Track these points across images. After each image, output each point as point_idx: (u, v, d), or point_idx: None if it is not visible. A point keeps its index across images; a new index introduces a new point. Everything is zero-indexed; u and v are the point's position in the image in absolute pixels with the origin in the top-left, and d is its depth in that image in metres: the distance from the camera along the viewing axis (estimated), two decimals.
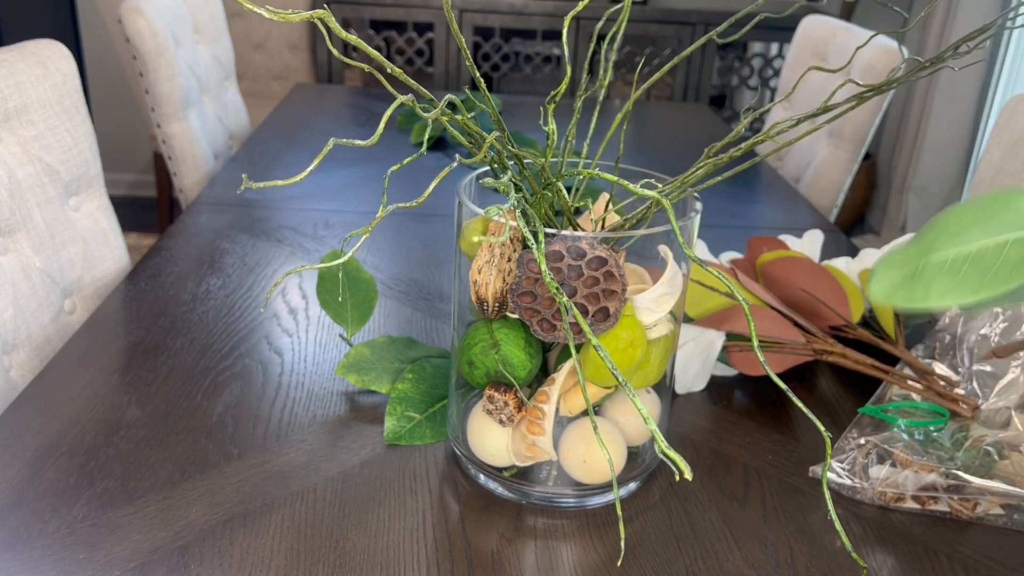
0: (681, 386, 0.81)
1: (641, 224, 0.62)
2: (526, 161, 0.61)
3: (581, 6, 0.57)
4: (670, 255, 0.61)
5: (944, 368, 0.79)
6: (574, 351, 0.53)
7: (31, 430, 0.71)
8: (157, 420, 0.73)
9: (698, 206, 0.63)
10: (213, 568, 0.58)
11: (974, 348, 0.78)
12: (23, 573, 0.57)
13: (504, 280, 0.60)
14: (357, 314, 0.82)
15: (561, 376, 0.62)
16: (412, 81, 0.54)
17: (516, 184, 0.60)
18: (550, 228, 0.57)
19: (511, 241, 0.60)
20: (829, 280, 0.87)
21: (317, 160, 0.50)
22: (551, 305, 0.58)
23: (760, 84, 2.96)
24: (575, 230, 0.62)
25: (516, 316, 0.62)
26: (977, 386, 0.75)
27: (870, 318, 0.91)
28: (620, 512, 0.57)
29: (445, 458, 0.71)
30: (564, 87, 0.62)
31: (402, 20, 2.84)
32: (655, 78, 0.64)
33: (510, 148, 0.59)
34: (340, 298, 0.82)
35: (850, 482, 0.68)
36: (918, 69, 0.58)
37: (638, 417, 0.66)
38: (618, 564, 0.60)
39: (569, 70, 0.64)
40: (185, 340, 0.87)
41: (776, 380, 0.50)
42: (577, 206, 0.64)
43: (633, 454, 0.68)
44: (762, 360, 0.49)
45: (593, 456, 0.64)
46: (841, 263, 0.95)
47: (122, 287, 0.97)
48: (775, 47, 2.98)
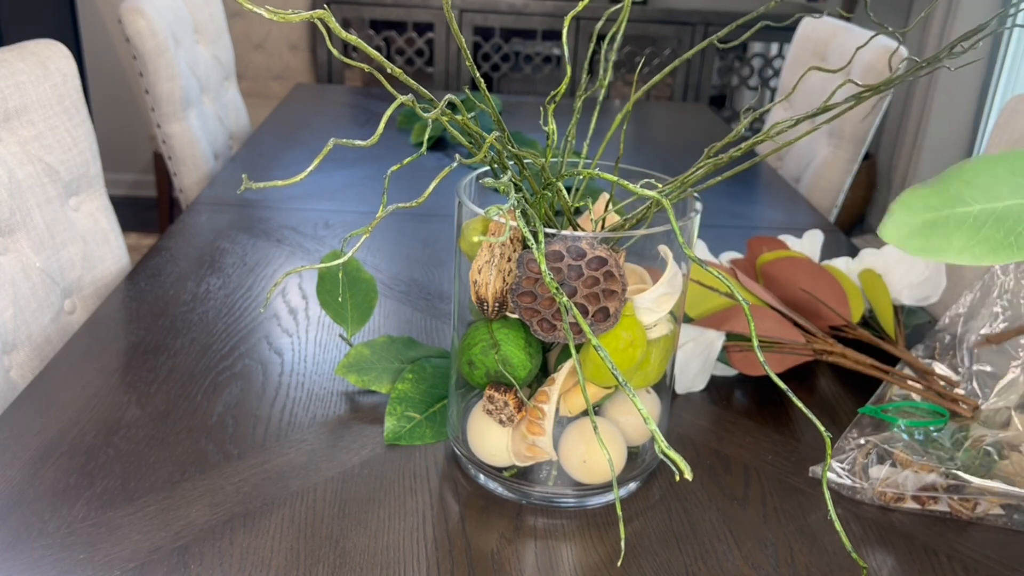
0: (681, 386, 0.81)
1: (641, 224, 0.62)
2: (526, 161, 0.61)
3: (581, 6, 0.57)
4: (670, 255, 0.61)
5: (944, 368, 0.79)
6: (574, 351, 0.53)
7: (31, 430, 0.71)
8: (157, 420, 0.73)
9: (698, 206, 0.63)
10: (213, 568, 0.58)
11: (974, 348, 0.78)
12: (23, 573, 0.57)
13: (504, 280, 0.60)
14: (357, 314, 0.82)
15: (561, 376, 0.62)
16: (412, 81, 0.54)
17: (516, 184, 0.60)
18: (550, 228, 0.57)
19: (511, 241, 0.60)
20: (829, 280, 0.87)
21: (317, 160, 0.50)
22: (551, 305, 0.58)
23: (760, 84, 2.96)
24: (575, 230, 0.62)
25: (516, 316, 0.62)
26: (977, 386, 0.75)
27: (870, 318, 0.91)
28: (620, 512, 0.57)
29: (445, 458, 0.71)
30: (564, 87, 0.62)
31: (402, 20, 2.84)
32: (656, 79, 0.64)
33: (510, 148, 0.59)
34: (340, 298, 0.82)
35: (850, 482, 0.68)
36: (916, 69, 0.58)
37: (638, 417, 0.66)
38: (618, 564, 0.60)
39: (569, 70, 0.64)
40: (185, 340, 0.87)
41: (776, 380, 0.50)
42: (577, 206, 0.64)
43: (633, 454, 0.68)
44: (762, 360, 0.49)
45: (593, 456, 0.64)
46: (841, 263, 0.95)
47: (122, 287, 0.97)
48: (775, 47, 2.98)
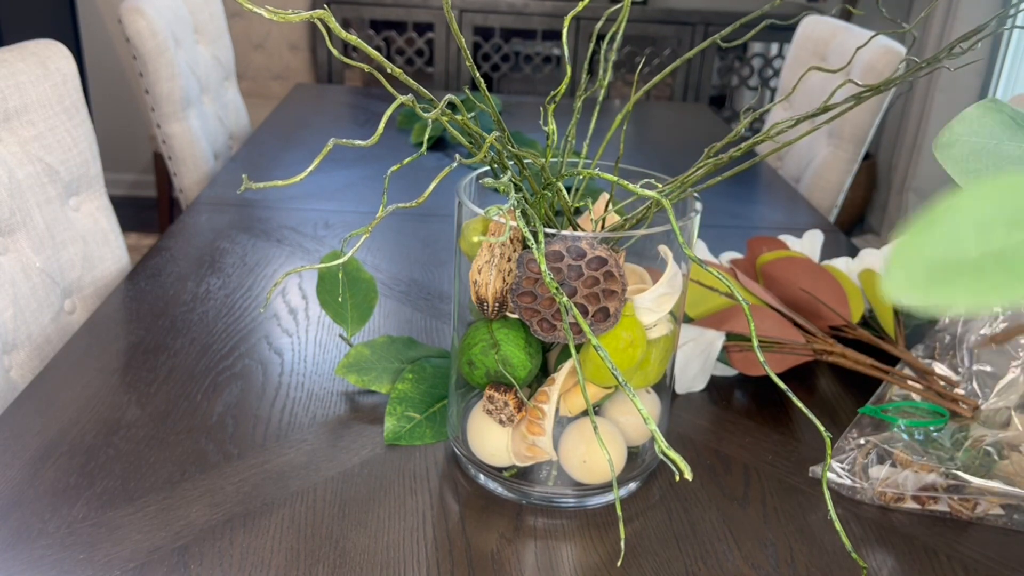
0: (681, 386, 0.81)
1: (641, 224, 0.62)
2: (526, 161, 0.61)
3: (581, 6, 0.58)
4: (670, 255, 0.61)
5: (944, 368, 0.79)
6: (574, 351, 0.53)
7: (31, 430, 0.71)
8: (157, 420, 0.73)
9: (698, 206, 0.63)
10: (213, 568, 0.58)
11: (974, 348, 0.78)
12: (23, 573, 0.57)
13: (504, 280, 0.60)
14: (357, 314, 0.82)
15: (561, 376, 0.62)
16: (412, 81, 0.54)
17: (516, 184, 0.60)
18: (550, 228, 0.57)
19: (511, 241, 0.60)
20: (829, 280, 0.87)
21: (317, 160, 0.50)
22: (551, 305, 0.58)
23: (760, 84, 2.96)
24: (575, 230, 0.62)
25: (516, 316, 0.62)
26: (977, 386, 0.75)
27: (870, 318, 0.91)
28: (620, 512, 0.57)
29: (445, 458, 0.71)
30: (564, 87, 0.62)
31: (402, 20, 2.84)
32: (656, 79, 0.64)
33: (510, 148, 0.59)
34: (340, 298, 0.82)
35: (850, 482, 0.68)
36: (916, 69, 0.58)
37: (638, 417, 0.66)
38: (618, 564, 0.60)
39: (569, 70, 0.64)
40: (185, 340, 0.87)
41: (776, 380, 0.50)
42: (577, 206, 0.64)
43: (633, 454, 0.68)
44: (762, 360, 0.49)
45: (593, 456, 0.64)
46: (841, 263, 0.95)
47: (122, 287, 0.97)
48: (775, 47, 2.98)
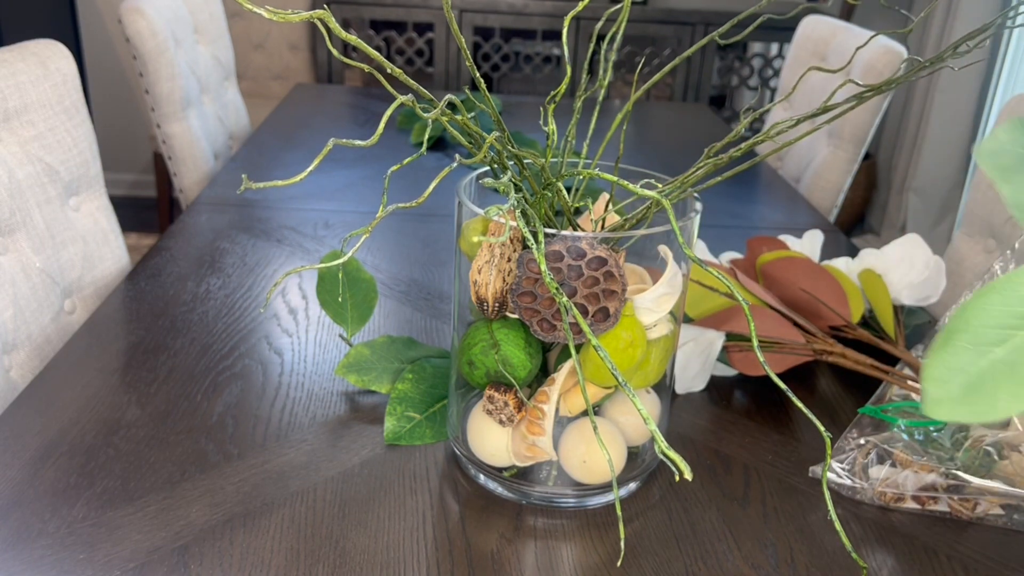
0: (681, 386, 0.81)
1: (641, 224, 0.62)
2: (526, 161, 0.61)
3: (581, 6, 0.57)
4: (670, 255, 0.61)
5: None
6: (574, 351, 0.53)
7: (31, 430, 0.71)
8: (157, 420, 0.73)
9: (698, 206, 0.63)
10: (213, 568, 0.58)
11: None
12: (23, 573, 0.57)
13: (504, 280, 0.60)
14: (357, 314, 0.82)
15: (561, 376, 0.62)
16: (412, 81, 0.54)
17: (516, 184, 0.60)
18: (550, 228, 0.57)
19: (511, 241, 0.60)
20: (829, 280, 0.87)
21: (317, 160, 0.50)
22: (551, 305, 0.58)
23: (760, 84, 2.96)
24: (575, 230, 0.62)
25: (516, 316, 0.62)
26: None
27: (870, 318, 0.91)
28: (620, 512, 0.57)
29: (445, 458, 0.71)
30: (564, 87, 0.62)
31: (402, 20, 2.84)
32: (655, 79, 0.64)
33: (510, 148, 0.59)
34: (340, 298, 0.82)
35: (850, 482, 0.68)
36: (918, 69, 0.58)
37: (638, 417, 0.66)
38: (618, 564, 0.60)
39: (569, 70, 0.64)
40: (185, 340, 0.87)
41: (776, 380, 0.50)
42: (577, 206, 0.64)
43: (633, 454, 0.68)
44: (762, 360, 0.49)
45: (593, 456, 0.64)
46: (841, 263, 0.95)
47: (122, 287, 0.97)
48: (775, 47, 2.98)
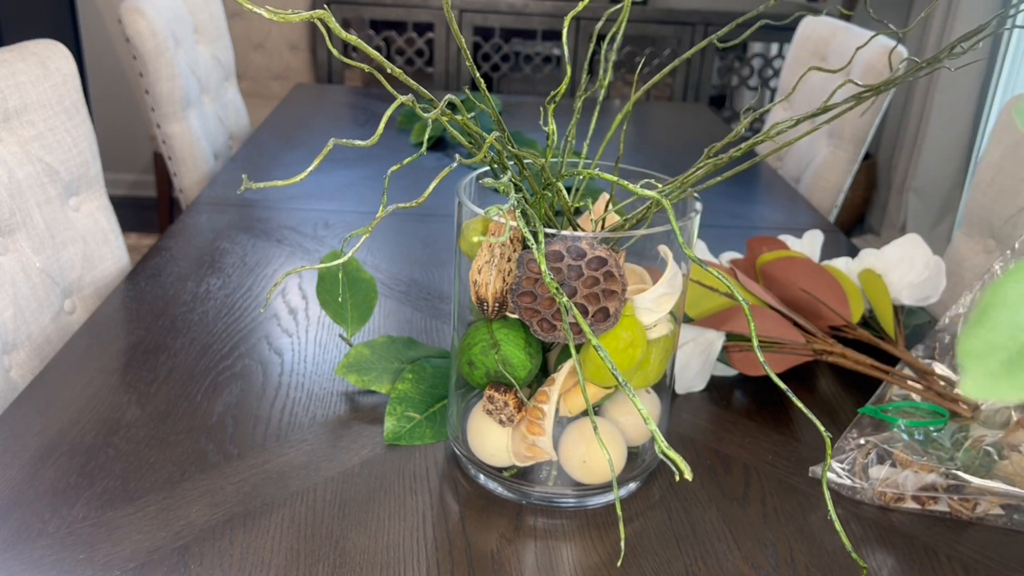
0: (681, 386, 0.81)
1: (641, 224, 0.62)
2: (526, 161, 0.61)
3: (581, 6, 0.58)
4: (670, 255, 0.61)
5: (944, 368, 0.79)
6: (574, 351, 0.53)
7: (31, 430, 0.71)
8: (157, 420, 0.73)
9: (698, 206, 0.63)
10: (213, 568, 0.58)
11: None
12: (23, 573, 0.57)
13: (504, 280, 0.60)
14: (357, 314, 0.82)
15: (561, 376, 0.62)
16: (412, 81, 0.54)
17: (516, 184, 0.60)
18: (550, 228, 0.57)
19: (511, 241, 0.60)
20: (829, 280, 0.87)
21: (317, 160, 0.50)
22: (551, 305, 0.58)
23: (760, 84, 2.96)
24: (575, 230, 0.62)
25: (516, 316, 0.62)
26: None
27: (870, 318, 0.91)
28: (620, 512, 0.57)
29: (445, 458, 0.71)
30: (564, 87, 0.62)
31: (402, 20, 2.84)
32: (655, 79, 0.64)
33: (510, 148, 0.59)
34: (340, 298, 0.82)
35: (850, 482, 0.68)
36: (916, 69, 0.58)
37: (638, 417, 0.66)
38: (618, 564, 0.60)
39: (569, 70, 0.64)
40: (185, 340, 0.87)
41: (776, 380, 0.50)
42: (577, 206, 0.64)
43: (633, 454, 0.68)
44: (762, 360, 0.49)
45: (593, 456, 0.64)
46: (841, 263, 0.95)
47: (122, 287, 0.97)
48: (775, 47, 2.98)
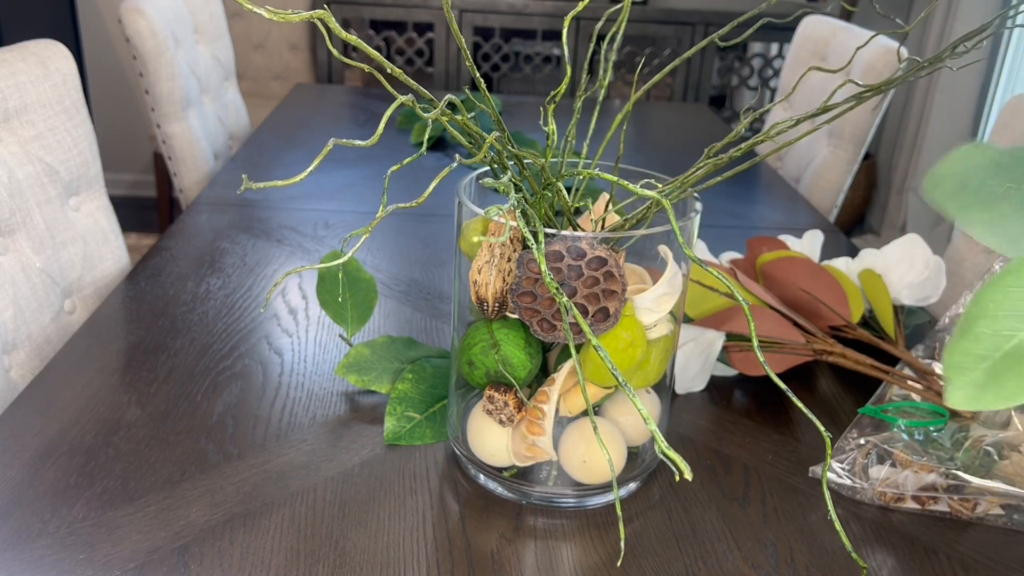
0: (681, 386, 0.81)
1: (641, 224, 0.62)
2: (526, 161, 0.61)
3: (581, 6, 0.57)
4: (670, 255, 0.61)
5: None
6: (574, 351, 0.53)
7: (31, 430, 0.71)
8: (157, 420, 0.73)
9: (698, 206, 0.63)
10: (213, 568, 0.58)
11: None
12: (23, 573, 0.57)
13: (504, 280, 0.60)
14: (357, 314, 0.82)
15: (561, 376, 0.62)
16: (412, 81, 0.54)
17: (516, 184, 0.60)
18: (550, 228, 0.57)
19: (511, 241, 0.60)
20: (829, 280, 0.87)
21: (317, 160, 0.50)
22: (551, 305, 0.58)
23: (760, 84, 2.96)
24: (575, 230, 0.62)
25: (516, 316, 0.62)
26: None
27: (870, 318, 0.91)
28: (620, 512, 0.57)
29: (445, 458, 0.71)
30: (564, 87, 0.62)
31: (402, 20, 2.84)
32: (655, 79, 0.64)
33: (510, 148, 0.59)
34: (340, 298, 0.82)
35: (850, 482, 0.68)
36: (917, 69, 0.58)
37: (638, 417, 0.66)
38: (618, 564, 0.60)
39: (569, 70, 0.64)
40: (185, 340, 0.87)
41: (776, 380, 0.50)
42: (577, 206, 0.64)
43: (633, 454, 0.68)
44: (762, 360, 0.49)
45: (593, 456, 0.64)
46: (841, 263, 0.95)
47: (122, 287, 0.97)
48: (775, 47, 2.98)
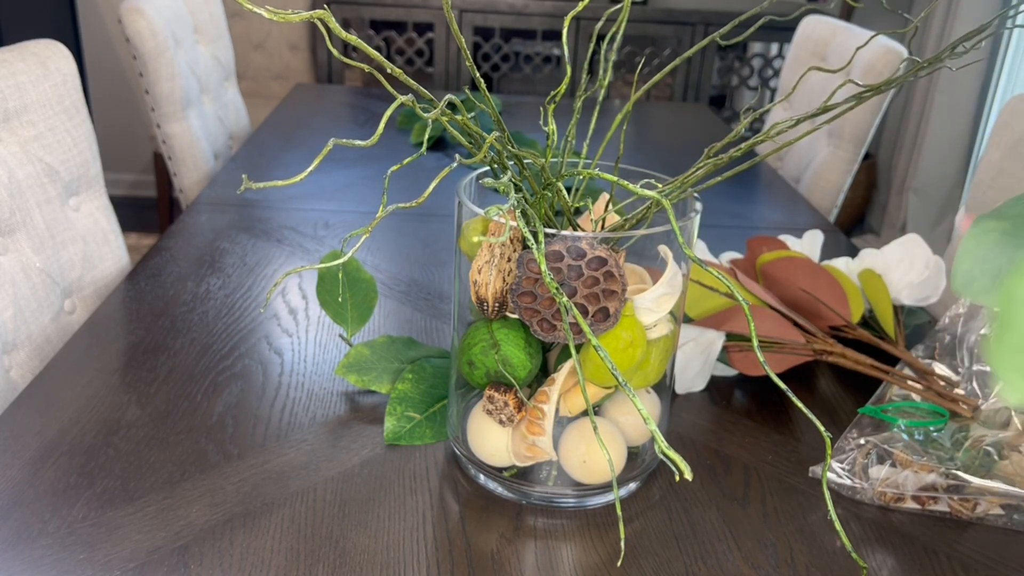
0: (681, 386, 0.81)
1: (641, 224, 0.62)
2: (526, 161, 0.61)
3: (581, 6, 0.58)
4: (670, 255, 0.61)
5: (944, 368, 0.79)
6: (574, 351, 0.53)
7: (31, 430, 0.71)
8: (157, 420, 0.73)
9: (698, 206, 0.63)
10: (213, 568, 0.58)
11: (974, 348, 0.78)
12: (23, 573, 0.57)
13: (504, 280, 0.60)
14: (357, 314, 0.82)
15: (561, 376, 0.62)
16: (412, 81, 0.54)
17: (516, 184, 0.60)
18: (550, 228, 0.57)
19: (511, 241, 0.60)
20: (829, 280, 0.87)
21: (317, 160, 0.50)
22: (551, 305, 0.58)
23: (760, 84, 2.96)
24: (575, 230, 0.62)
25: (516, 316, 0.62)
26: (977, 386, 0.75)
27: (870, 318, 0.91)
28: (620, 512, 0.57)
29: (445, 458, 0.71)
30: (564, 87, 0.62)
31: (402, 20, 2.84)
32: (655, 79, 0.64)
33: (510, 148, 0.59)
34: (340, 298, 0.82)
35: (850, 482, 0.68)
36: (916, 69, 0.58)
37: (638, 417, 0.66)
38: (618, 564, 0.60)
39: (569, 70, 0.64)
40: (185, 340, 0.87)
41: (776, 380, 0.50)
42: (577, 206, 0.64)
43: (633, 454, 0.68)
44: (762, 360, 0.49)
45: (593, 456, 0.64)
46: (841, 263, 0.95)
47: (122, 287, 0.97)
48: (775, 47, 2.98)
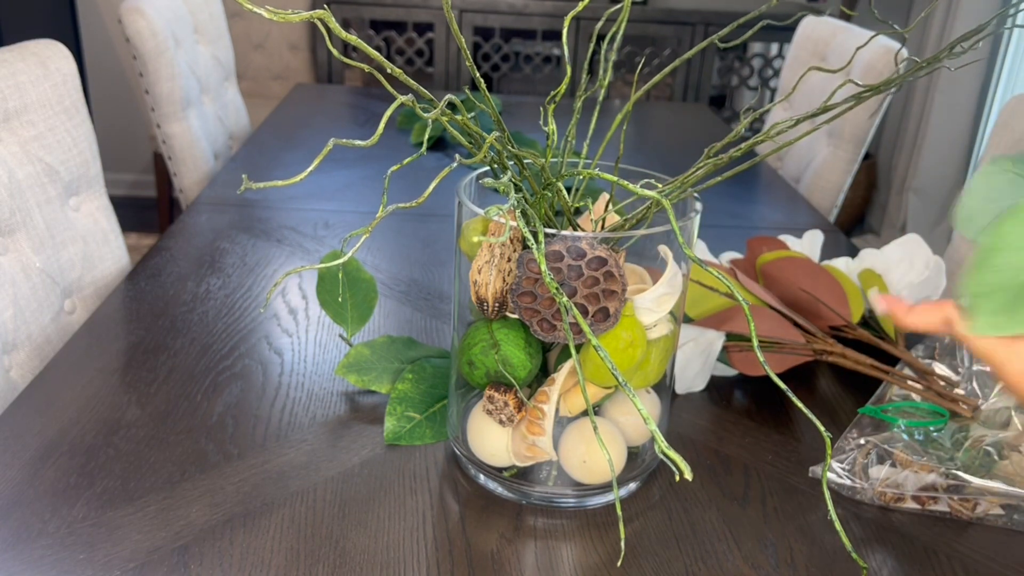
0: (681, 386, 0.81)
1: (641, 224, 0.62)
2: (526, 161, 0.61)
3: (581, 6, 0.58)
4: (670, 255, 0.61)
5: (944, 368, 0.79)
6: (574, 351, 0.53)
7: (31, 430, 0.71)
8: (157, 420, 0.73)
9: (698, 206, 0.63)
10: (213, 568, 0.58)
11: None
12: (23, 573, 0.57)
13: (504, 280, 0.60)
14: (357, 314, 0.82)
15: (561, 376, 0.62)
16: (412, 81, 0.54)
17: (516, 184, 0.60)
18: (550, 228, 0.57)
19: (511, 241, 0.60)
20: (829, 280, 0.87)
21: (317, 160, 0.50)
22: (551, 305, 0.58)
23: (760, 84, 2.96)
24: (575, 230, 0.62)
25: (516, 316, 0.62)
26: (977, 386, 0.75)
27: (870, 318, 0.91)
28: (620, 512, 0.57)
29: (445, 458, 0.71)
30: (564, 87, 0.62)
31: (402, 20, 2.84)
32: (656, 79, 0.64)
33: (510, 148, 0.59)
34: (340, 298, 0.82)
35: (850, 482, 0.68)
36: (916, 69, 0.58)
37: (638, 417, 0.66)
38: (618, 564, 0.60)
39: (569, 70, 0.64)
40: (185, 340, 0.87)
41: (776, 380, 0.50)
42: (577, 206, 0.64)
43: (633, 454, 0.68)
44: (762, 360, 0.49)
45: (593, 456, 0.64)
46: (841, 263, 0.95)
47: (122, 287, 0.97)
48: (775, 47, 2.98)
